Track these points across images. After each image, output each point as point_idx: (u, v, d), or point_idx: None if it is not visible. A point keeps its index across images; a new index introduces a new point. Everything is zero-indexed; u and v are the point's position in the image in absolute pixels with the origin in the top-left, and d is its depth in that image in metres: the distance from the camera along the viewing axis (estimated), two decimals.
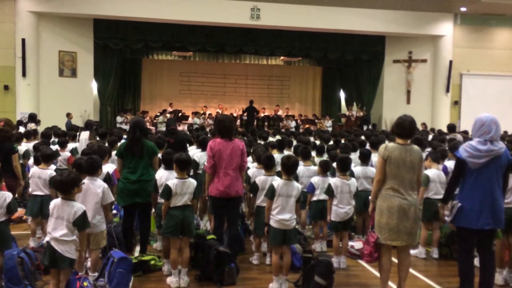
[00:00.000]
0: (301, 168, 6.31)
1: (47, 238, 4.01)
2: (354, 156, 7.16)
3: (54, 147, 7.85)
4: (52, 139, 9.31)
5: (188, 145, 8.47)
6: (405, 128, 4.24)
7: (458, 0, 17.16)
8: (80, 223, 3.96)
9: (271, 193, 4.68)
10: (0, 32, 15.67)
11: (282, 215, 4.63)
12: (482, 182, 4.05)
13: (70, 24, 16.53)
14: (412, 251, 5.54)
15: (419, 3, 17.50)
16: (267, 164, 5.37)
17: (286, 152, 7.21)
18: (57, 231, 3.92)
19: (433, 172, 5.83)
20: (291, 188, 4.70)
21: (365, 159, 6.44)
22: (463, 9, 17.57)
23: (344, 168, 5.54)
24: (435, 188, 5.76)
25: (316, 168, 6.34)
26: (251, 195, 5.51)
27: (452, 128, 12.15)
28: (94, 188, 4.65)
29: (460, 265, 4.28)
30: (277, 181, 4.78)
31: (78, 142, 9.10)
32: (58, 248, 3.91)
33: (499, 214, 4.09)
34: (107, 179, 5.51)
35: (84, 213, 4.00)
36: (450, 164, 6.21)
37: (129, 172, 5.32)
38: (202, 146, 6.73)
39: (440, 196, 5.64)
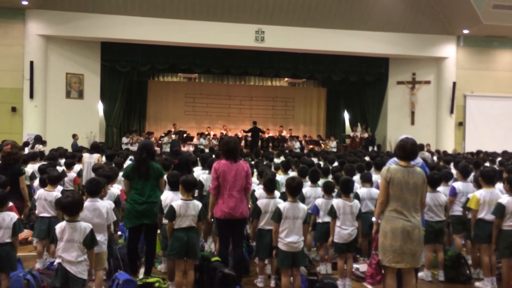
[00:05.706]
0: (308, 189, 6.33)
1: (58, 260, 4.04)
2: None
3: (60, 169, 7.90)
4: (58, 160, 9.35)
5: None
6: (406, 150, 4.29)
7: (461, 22, 17.34)
8: (89, 241, 4.04)
9: (278, 216, 4.70)
10: (9, 55, 15.96)
11: (290, 238, 4.64)
12: None
13: (78, 47, 16.81)
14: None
15: (422, 26, 17.69)
16: (268, 187, 5.34)
17: (291, 173, 7.22)
18: (69, 254, 3.98)
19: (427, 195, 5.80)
20: (297, 210, 4.72)
21: (366, 181, 6.45)
22: (465, 31, 17.73)
23: (346, 190, 5.55)
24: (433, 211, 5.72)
25: None
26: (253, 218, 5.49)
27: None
28: (98, 208, 4.70)
29: None
30: (283, 204, 4.80)
31: (80, 164, 9.12)
32: (71, 270, 3.98)
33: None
34: (117, 202, 5.54)
35: (91, 232, 4.09)
36: (458, 185, 6.21)
37: (136, 194, 5.36)
38: (210, 168, 6.74)
39: (439, 218, 5.68)
